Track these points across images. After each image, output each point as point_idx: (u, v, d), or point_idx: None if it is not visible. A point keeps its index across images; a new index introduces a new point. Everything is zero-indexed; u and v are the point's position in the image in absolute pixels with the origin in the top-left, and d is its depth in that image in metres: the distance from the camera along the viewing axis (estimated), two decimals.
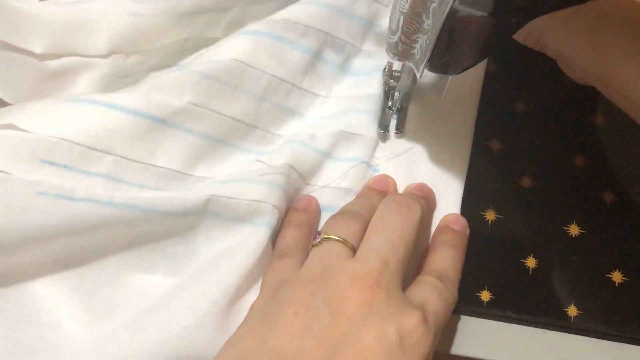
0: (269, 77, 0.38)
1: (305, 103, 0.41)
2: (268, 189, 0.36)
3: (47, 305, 0.32)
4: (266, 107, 0.39)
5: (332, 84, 0.42)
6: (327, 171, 0.40)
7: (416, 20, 0.33)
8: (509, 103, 0.42)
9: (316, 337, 0.29)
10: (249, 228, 0.36)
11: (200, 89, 0.36)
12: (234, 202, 0.35)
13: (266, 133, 0.39)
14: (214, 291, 0.34)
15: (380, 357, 0.29)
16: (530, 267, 0.38)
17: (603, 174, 0.40)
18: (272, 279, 0.34)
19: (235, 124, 0.38)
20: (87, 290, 0.33)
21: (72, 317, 0.33)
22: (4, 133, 0.32)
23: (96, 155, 0.33)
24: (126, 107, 0.34)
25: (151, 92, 0.35)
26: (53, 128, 0.32)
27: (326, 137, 0.40)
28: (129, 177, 0.34)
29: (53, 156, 0.32)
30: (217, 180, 0.37)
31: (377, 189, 0.39)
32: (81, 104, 0.34)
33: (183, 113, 0.36)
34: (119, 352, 0.31)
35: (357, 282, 0.30)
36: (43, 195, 0.31)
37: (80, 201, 0.32)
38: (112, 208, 0.32)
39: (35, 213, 0.31)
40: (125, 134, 0.34)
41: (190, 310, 0.33)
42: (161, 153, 0.35)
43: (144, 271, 0.35)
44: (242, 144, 0.39)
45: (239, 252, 0.35)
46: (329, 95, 0.42)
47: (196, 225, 0.35)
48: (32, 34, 0.36)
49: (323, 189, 0.39)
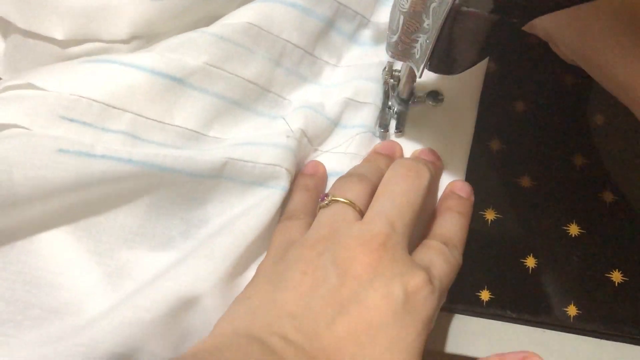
0: (283, 42, 0.39)
1: (315, 70, 0.42)
2: (283, 152, 0.37)
3: (63, 267, 0.33)
4: (279, 72, 0.40)
5: (341, 53, 0.43)
6: (335, 137, 0.41)
7: (416, 19, 0.33)
8: (509, 103, 0.43)
9: (324, 297, 0.30)
10: (264, 191, 0.37)
11: (216, 50, 0.36)
12: (249, 165, 0.36)
13: (278, 97, 0.40)
14: (226, 255, 0.34)
15: (387, 315, 0.30)
16: (530, 267, 0.38)
17: (603, 174, 0.40)
18: (280, 240, 0.35)
19: (249, 86, 0.38)
20: (102, 252, 0.34)
21: (88, 279, 0.33)
22: (23, 92, 0.32)
23: (114, 112, 0.33)
24: (143, 66, 0.34)
25: (167, 52, 0.35)
26: (71, 86, 0.32)
27: (335, 104, 0.41)
28: (147, 135, 0.34)
29: (72, 113, 0.32)
30: (232, 143, 0.37)
31: (384, 154, 0.39)
32: (98, 64, 0.34)
33: (199, 73, 0.36)
34: (134, 317, 0.31)
35: (364, 244, 0.31)
36: (64, 153, 0.31)
37: (100, 158, 0.32)
38: (132, 165, 0.32)
39: (55, 170, 0.31)
40: (143, 93, 0.34)
41: (202, 276, 0.33)
42: (178, 112, 0.36)
43: (160, 235, 0.35)
44: (256, 107, 0.39)
45: (254, 215, 0.35)
46: (338, 64, 0.43)
47: (212, 189, 0.36)
48: (54, 21, 0.36)
49: (330, 154, 0.40)
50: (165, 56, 0.35)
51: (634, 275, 0.37)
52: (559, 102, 0.42)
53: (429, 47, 0.33)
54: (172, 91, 0.35)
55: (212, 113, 0.37)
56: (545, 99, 0.42)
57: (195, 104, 0.36)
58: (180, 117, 0.36)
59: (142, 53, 0.35)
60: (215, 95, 0.37)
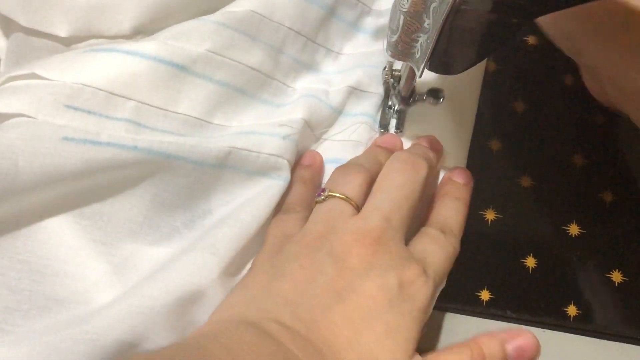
0: (286, 30, 0.39)
1: (318, 58, 0.42)
2: (285, 144, 0.37)
3: (69, 256, 0.32)
4: (282, 60, 0.40)
5: (344, 41, 0.43)
6: (338, 126, 0.41)
7: (416, 19, 0.33)
8: (508, 102, 0.42)
9: (320, 286, 0.31)
10: (266, 181, 0.37)
11: (219, 37, 0.36)
12: (253, 155, 0.36)
13: (282, 85, 0.40)
14: (230, 246, 0.34)
15: (382, 303, 0.30)
16: (530, 267, 0.38)
17: (603, 174, 0.40)
18: (276, 233, 0.35)
19: (253, 73, 0.38)
20: (108, 242, 0.33)
21: (95, 268, 0.33)
22: (26, 82, 0.32)
23: (119, 100, 0.33)
24: (146, 54, 0.34)
25: (170, 40, 0.35)
26: (75, 75, 0.32)
27: (338, 93, 0.41)
28: (151, 123, 0.34)
29: (76, 101, 0.32)
30: (236, 132, 0.37)
31: (384, 147, 0.39)
32: (101, 53, 0.34)
33: (202, 60, 0.36)
34: (142, 305, 0.31)
35: (360, 238, 0.32)
36: (68, 141, 0.31)
37: (105, 145, 0.32)
38: (137, 152, 0.32)
39: (60, 158, 0.31)
40: (146, 80, 0.34)
41: (206, 266, 0.33)
42: (182, 100, 0.36)
43: (165, 226, 0.35)
44: (260, 95, 0.39)
45: (257, 205, 0.35)
46: (341, 52, 0.43)
47: (216, 178, 0.36)
48: (57, 18, 0.36)
49: (332, 141, 0.40)
50: (168, 44, 0.35)
51: (634, 275, 0.37)
52: (559, 102, 0.42)
53: (429, 47, 0.33)
54: (176, 79, 0.35)
55: (216, 100, 0.37)
56: (545, 99, 0.42)
57: (199, 92, 0.36)
58: (184, 105, 0.36)
59: (145, 41, 0.35)
60: (219, 82, 0.37)
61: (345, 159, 0.38)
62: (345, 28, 0.43)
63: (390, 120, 0.41)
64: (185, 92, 0.36)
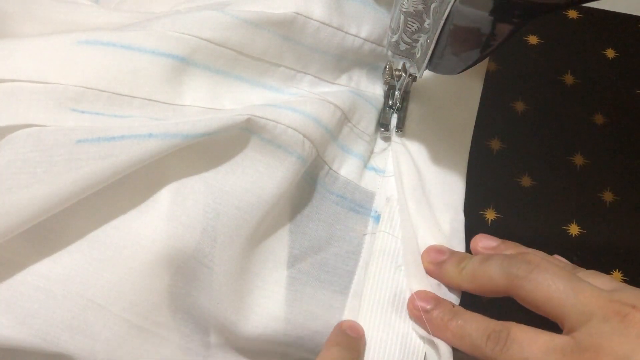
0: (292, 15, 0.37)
1: (336, 41, 0.38)
2: (302, 118, 0.35)
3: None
4: (289, 45, 0.38)
5: (361, 21, 0.40)
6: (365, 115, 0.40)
7: (417, 19, 0.33)
8: (509, 102, 0.43)
9: None
10: (281, 153, 0.35)
11: (217, 26, 0.35)
12: (271, 124, 0.34)
13: (291, 71, 0.38)
14: (247, 219, 0.34)
15: None
16: None
17: (603, 174, 0.40)
18: None
19: (256, 62, 0.37)
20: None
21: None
22: (21, 85, 0.31)
23: (124, 99, 0.33)
24: (144, 48, 0.33)
25: (168, 31, 0.34)
26: (73, 76, 0.32)
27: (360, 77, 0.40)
28: (161, 116, 0.34)
29: (82, 105, 0.31)
30: (253, 105, 0.36)
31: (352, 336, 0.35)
32: (95, 47, 0.33)
33: (202, 50, 0.35)
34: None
35: None
36: (82, 143, 0.30)
37: (120, 139, 0.31)
38: (154, 139, 0.31)
39: (77, 162, 0.30)
40: (148, 76, 0.33)
41: (222, 240, 0.33)
42: (187, 92, 0.35)
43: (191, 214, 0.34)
44: (266, 82, 0.38)
45: (273, 177, 0.35)
46: (358, 35, 0.39)
47: (235, 149, 0.35)
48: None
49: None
50: (166, 35, 0.34)
51: (634, 275, 0.37)
52: (559, 102, 0.42)
53: (429, 47, 0.33)
54: (177, 71, 0.34)
55: (222, 90, 0.36)
56: (545, 99, 0.43)
57: (203, 83, 0.35)
58: (190, 98, 0.35)
59: (142, 33, 0.34)
60: (221, 72, 0.36)
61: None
62: (359, 6, 0.40)
63: (390, 119, 0.41)
64: (189, 84, 0.35)
